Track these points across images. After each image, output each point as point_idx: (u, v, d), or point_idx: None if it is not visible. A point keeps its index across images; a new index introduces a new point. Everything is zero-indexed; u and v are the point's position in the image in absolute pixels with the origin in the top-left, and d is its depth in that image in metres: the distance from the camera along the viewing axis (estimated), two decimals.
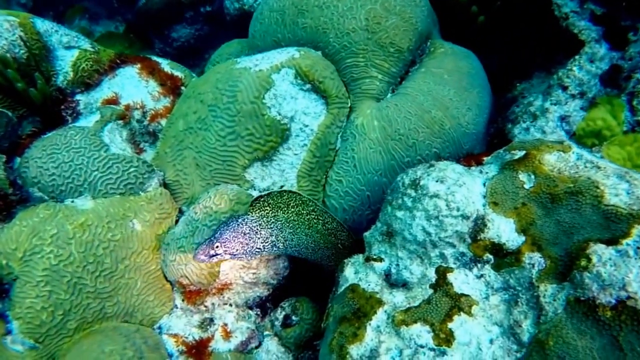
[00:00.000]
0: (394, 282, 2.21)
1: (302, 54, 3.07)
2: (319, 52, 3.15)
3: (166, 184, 3.13)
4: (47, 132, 3.06)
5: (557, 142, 2.19)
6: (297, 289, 2.97)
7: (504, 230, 2.03)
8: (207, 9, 5.73)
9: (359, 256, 2.43)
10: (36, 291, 2.50)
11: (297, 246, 2.63)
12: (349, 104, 3.10)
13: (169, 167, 3.13)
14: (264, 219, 2.49)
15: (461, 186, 2.12)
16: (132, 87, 3.49)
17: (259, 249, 2.49)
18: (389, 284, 2.22)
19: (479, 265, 2.06)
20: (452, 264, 2.11)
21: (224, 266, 2.75)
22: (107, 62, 3.61)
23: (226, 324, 2.77)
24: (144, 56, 3.84)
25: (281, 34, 3.29)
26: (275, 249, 2.56)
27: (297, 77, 3.00)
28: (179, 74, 3.71)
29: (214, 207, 2.75)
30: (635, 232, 1.75)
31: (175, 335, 2.73)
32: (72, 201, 2.81)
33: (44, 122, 3.29)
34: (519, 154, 2.18)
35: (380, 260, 2.30)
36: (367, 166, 2.90)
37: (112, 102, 3.36)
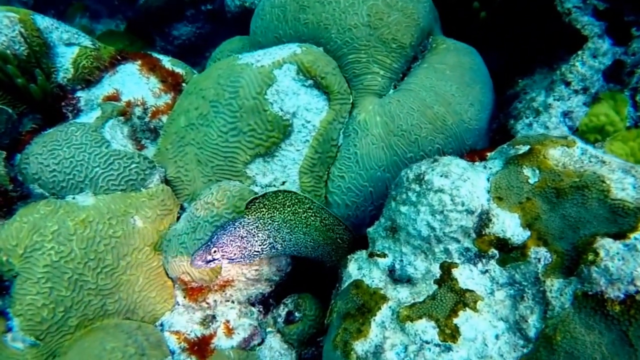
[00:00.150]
0: (398, 278, 2.19)
1: (304, 49, 3.05)
2: (320, 48, 3.14)
3: (167, 180, 3.11)
4: (48, 129, 3.04)
5: (561, 137, 2.18)
6: (299, 285, 2.95)
7: (509, 225, 2.01)
8: (208, 7, 5.73)
9: (362, 252, 2.42)
10: (37, 288, 2.48)
11: (295, 246, 2.61)
12: (351, 100, 3.08)
13: (171, 164, 3.12)
14: (261, 221, 2.46)
15: (465, 181, 2.10)
16: (132, 83, 3.48)
17: (257, 251, 2.46)
18: (393, 280, 2.21)
19: (484, 260, 2.04)
20: (456, 259, 2.09)
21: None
22: (108, 59, 3.60)
23: (228, 321, 2.76)
24: (145, 53, 3.82)
25: (282, 30, 3.27)
26: (274, 250, 2.54)
27: (299, 73, 2.98)
28: (180, 70, 3.70)
29: (216, 203, 2.73)
30: None
31: (177, 332, 2.71)
32: (73, 197, 2.80)
33: (44, 119, 3.27)
34: (523, 149, 2.17)
35: (384, 256, 2.28)
36: (370, 162, 2.88)
37: (113, 98, 3.34)
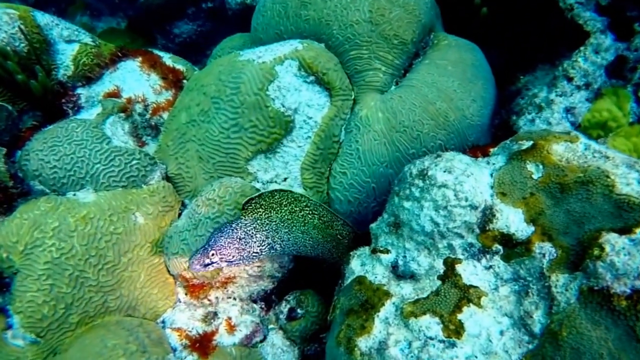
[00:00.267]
0: (401, 274, 2.18)
1: (306, 46, 3.04)
2: (322, 45, 3.12)
3: (169, 177, 3.10)
4: (48, 126, 3.03)
5: (565, 133, 2.17)
6: (301, 281, 2.94)
7: (513, 220, 2.00)
8: (209, 4, 5.72)
9: (365, 248, 2.40)
10: (37, 285, 2.46)
11: (295, 245, 2.59)
12: (353, 96, 3.07)
13: (172, 160, 3.10)
14: (258, 222, 2.44)
15: (469, 176, 2.09)
16: (133, 80, 3.46)
17: (255, 253, 2.44)
18: (396, 276, 2.19)
19: (488, 256, 2.03)
20: (460, 255, 2.08)
21: None
22: (108, 56, 3.58)
23: (230, 318, 2.75)
24: (146, 50, 3.81)
25: (284, 26, 3.26)
26: (272, 251, 2.52)
27: (301, 69, 2.97)
28: (180, 67, 3.69)
29: (217, 199, 2.72)
30: None
31: (178, 329, 2.70)
32: (74, 194, 2.78)
33: (44, 115, 3.25)
34: (527, 145, 2.16)
35: (387, 252, 2.27)
36: (372, 158, 2.87)
37: (113, 95, 3.33)
